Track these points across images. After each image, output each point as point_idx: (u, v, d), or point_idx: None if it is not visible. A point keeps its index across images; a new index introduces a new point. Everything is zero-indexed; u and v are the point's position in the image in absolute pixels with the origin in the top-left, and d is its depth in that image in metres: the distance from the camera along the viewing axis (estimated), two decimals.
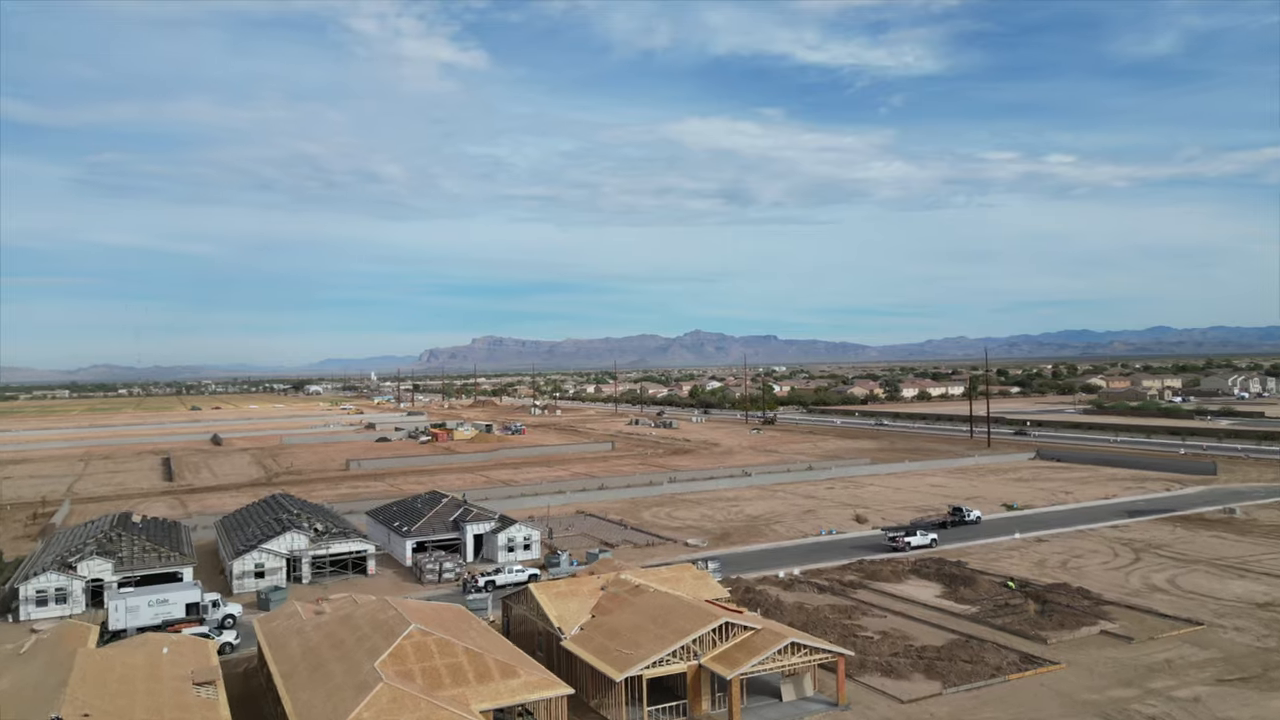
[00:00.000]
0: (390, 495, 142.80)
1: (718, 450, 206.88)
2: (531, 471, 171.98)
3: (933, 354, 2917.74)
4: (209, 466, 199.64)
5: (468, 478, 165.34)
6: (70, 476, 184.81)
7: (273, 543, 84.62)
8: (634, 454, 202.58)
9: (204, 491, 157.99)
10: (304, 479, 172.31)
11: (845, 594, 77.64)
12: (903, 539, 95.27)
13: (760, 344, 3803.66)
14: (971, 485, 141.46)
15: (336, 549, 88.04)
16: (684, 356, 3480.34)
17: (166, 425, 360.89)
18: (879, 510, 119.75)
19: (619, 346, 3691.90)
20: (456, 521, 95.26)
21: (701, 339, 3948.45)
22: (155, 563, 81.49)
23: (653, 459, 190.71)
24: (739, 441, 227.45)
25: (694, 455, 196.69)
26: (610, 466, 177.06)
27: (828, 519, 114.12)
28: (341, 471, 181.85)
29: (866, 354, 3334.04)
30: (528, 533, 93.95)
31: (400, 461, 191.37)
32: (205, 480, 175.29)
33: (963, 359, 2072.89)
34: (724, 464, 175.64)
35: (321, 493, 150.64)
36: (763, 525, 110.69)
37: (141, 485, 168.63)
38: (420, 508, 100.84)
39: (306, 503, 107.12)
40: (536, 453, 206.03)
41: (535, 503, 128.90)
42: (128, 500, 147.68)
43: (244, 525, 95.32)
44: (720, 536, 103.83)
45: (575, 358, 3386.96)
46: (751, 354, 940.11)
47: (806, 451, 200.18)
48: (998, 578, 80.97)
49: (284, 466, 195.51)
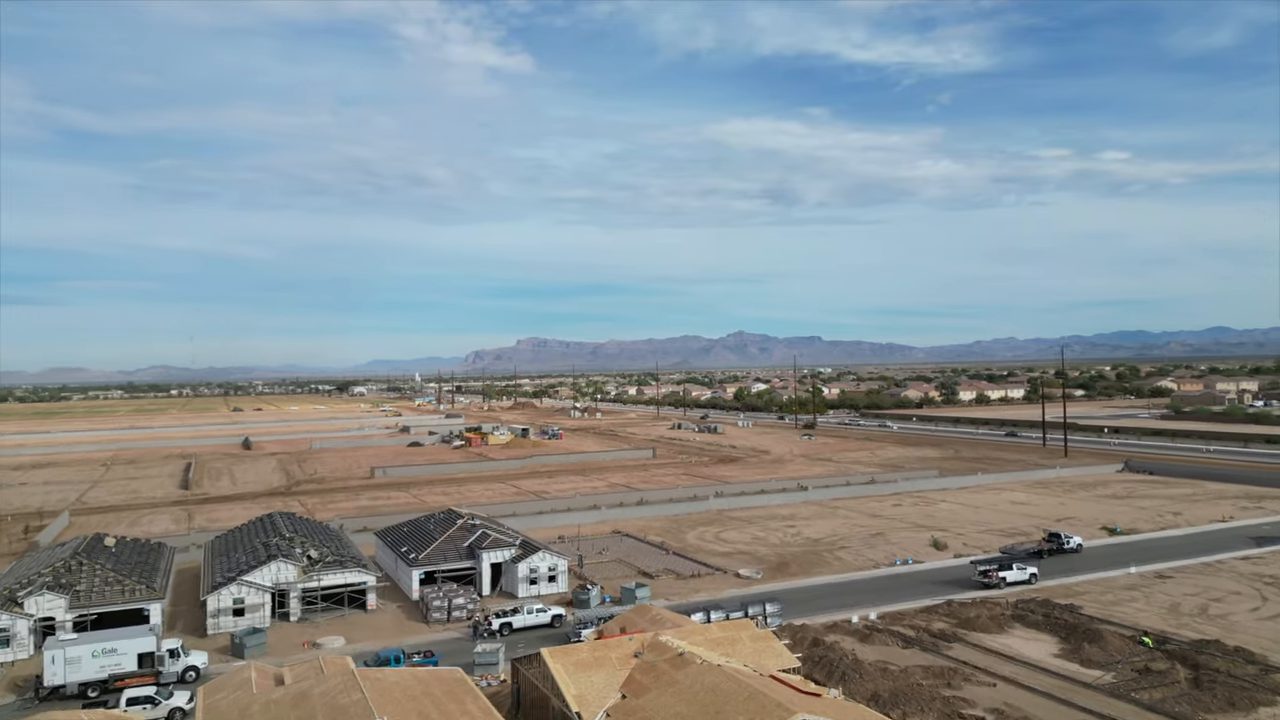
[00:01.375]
0: (411, 509, 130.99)
1: (767, 459, 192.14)
2: (565, 481, 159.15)
3: (981, 355, 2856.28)
4: (231, 472, 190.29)
5: (496, 488, 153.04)
6: (86, 483, 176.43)
7: (255, 574, 72.53)
8: (676, 462, 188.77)
9: (217, 501, 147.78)
10: (325, 487, 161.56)
11: (938, 649, 63.09)
12: (996, 573, 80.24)
13: (804, 345, 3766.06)
14: (1059, 503, 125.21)
15: (331, 580, 75.72)
16: (727, 358, 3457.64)
17: (203, 427, 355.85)
18: (958, 533, 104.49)
19: (662, 348, 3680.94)
20: (471, 548, 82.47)
21: (745, 340, 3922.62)
22: (118, 598, 69.86)
23: (697, 468, 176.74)
24: (789, 448, 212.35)
25: (741, 464, 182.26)
26: (651, 477, 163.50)
27: (900, 544, 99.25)
28: (365, 480, 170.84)
29: (913, 355, 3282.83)
30: (553, 562, 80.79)
31: (428, 469, 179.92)
32: (223, 488, 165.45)
33: (1012, 360, 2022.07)
34: (775, 475, 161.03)
35: (339, 504, 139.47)
36: (825, 551, 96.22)
37: (155, 494, 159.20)
38: (432, 530, 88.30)
39: (308, 521, 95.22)
40: (572, 460, 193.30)
41: (566, 520, 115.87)
42: (134, 511, 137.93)
43: (232, 549, 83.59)
44: (777, 566, 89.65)
45: (618, 359, 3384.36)
46: (795, 355, 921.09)
47: (864, 460, 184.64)
48: (1126, 629, 65.75)
49: (307, 473, 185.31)
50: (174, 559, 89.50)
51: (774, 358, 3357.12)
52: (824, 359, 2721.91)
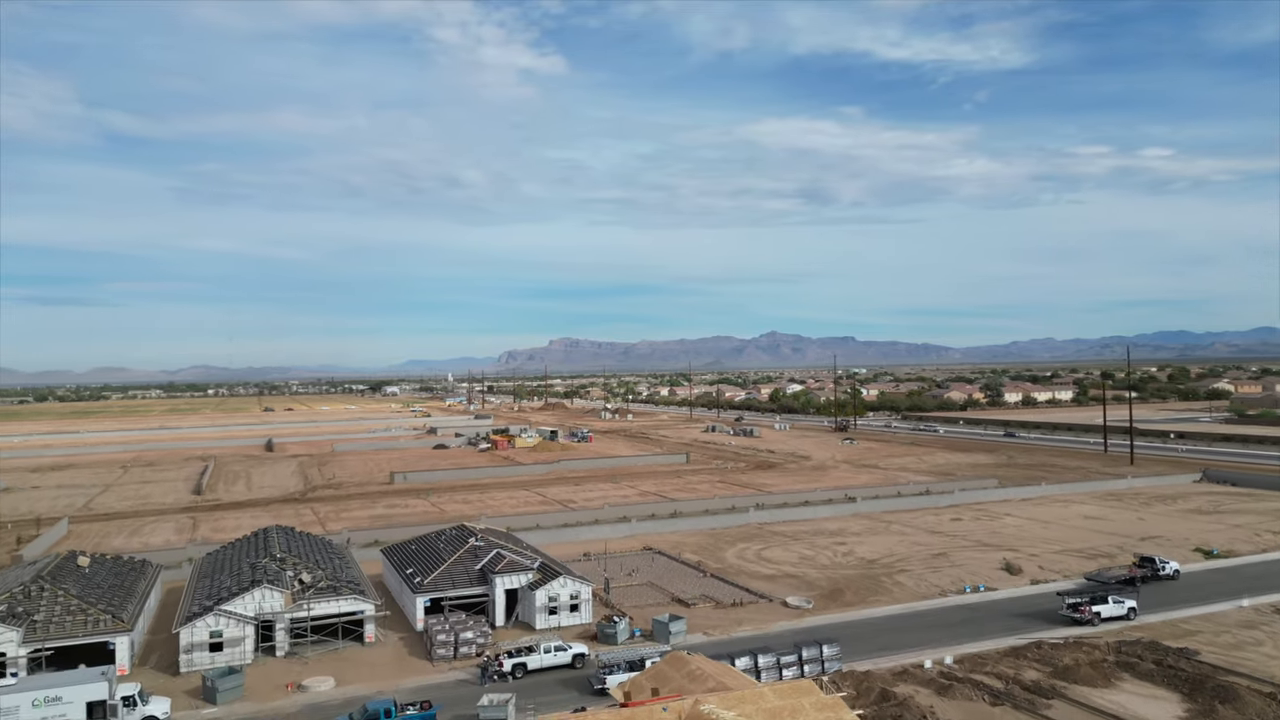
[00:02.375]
0: (429, 519, 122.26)
1: (808, 465, 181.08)
2: (594, 489, 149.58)
3: (1018, 356, 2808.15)
4: (248, 476, 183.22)
5: (521, 495, 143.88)
6: (98, 487, 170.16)
7: (236, 602, 63.66)
8: (712, 468, 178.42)
9: (228, 509, 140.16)
10: (341, 493, 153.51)
11: (1034, 708, 52.39)
12: (1088, 607, 69.15)
13: (838, 345, 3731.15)
14: (1137, 518, 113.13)
15: (324, 609, 66.64)
16: (759, 358, 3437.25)
17: (231, 428, 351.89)
18: (1030, 554, 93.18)
19: (694, 348, 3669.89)
20: (484, 571, 73.03)
21: (778, 340, 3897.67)
22: (79, 629, 61.34)
23: (733, 475, 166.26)
24: (831, 453, 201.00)
25: (781, 471, 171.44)
26: (684, 484, 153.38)
27: (967, 567, 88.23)
28: (384, 485, 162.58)
29: (949, 356, 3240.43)
30: (575, 589, 71.08)
31: (451, 474, 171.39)
32: (237, 493, 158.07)
33: (1051, 361, 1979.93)
34: (818, 483, 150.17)
35: (353, 513, 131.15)
36: (883, 575, 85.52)
37: (165, 499, 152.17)
38: (441, 549, 79.04)
39: (308, 537, 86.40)
40: (602, 465, 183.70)
41: (594, 534, 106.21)
42: (138, 519, 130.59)
43: (219, 570, 74.92)
44: (829, 593, 79.16)
45: (650, 359, 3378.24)
46: (829, 355, 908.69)
47: (912, 467, 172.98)
48: (1262, 684, 54.59)
49: (326, 478, 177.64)
50: (159, 579, 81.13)
51: (807, 358, 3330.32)
52: (858, 359, 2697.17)
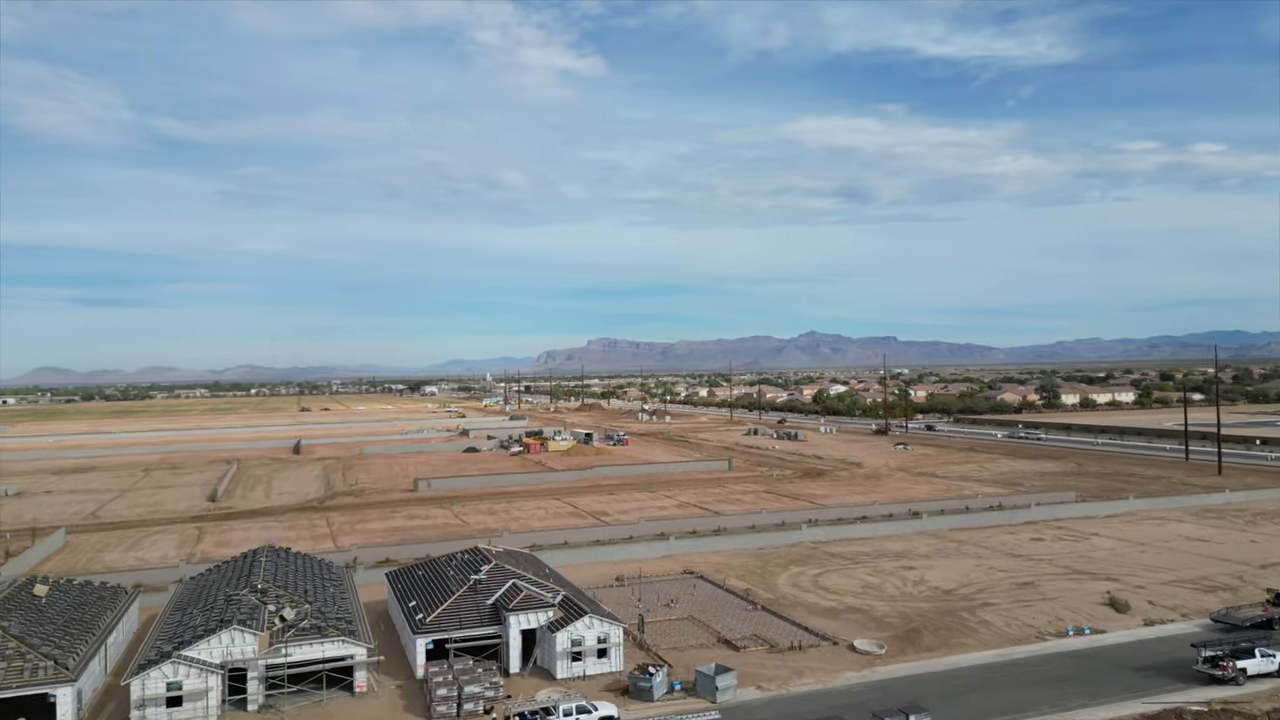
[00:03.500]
0: (449, 532, 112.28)
1: (860, 473, 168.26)
2: (629, 499, 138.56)
3: (1064, 356, 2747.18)
4: (269, 482, 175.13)
5: (550, 505, 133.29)
6: (113, 492, 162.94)
7: (200, 646, 53.59)
8: (755, 476, 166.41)
9: (240, 518, 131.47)
10: (361, 501, 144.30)
11: None
12: (1231, 662, 56.54)
13: (879, 345, 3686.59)
14: (1248, 540, 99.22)
15: (306, 653, 56.32)
16: (799, 358, 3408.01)
17: (263, 429, 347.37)
18: (1135, 585, 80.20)
19: (732, 348, 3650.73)
20: (497, 607, 62.28)
21: (817, 340, 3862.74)
22: (14, 679, 51.59)
23: (779, 484, 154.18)
24: (883, 460, 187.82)
25: (831, 480, 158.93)
26: (727, 494, 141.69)
27: (1062, 600, 75.57)
28: (407, 492, 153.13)
29: (992, 356, 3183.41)
30: (603, 630, 60.02)
31: (478, 481, 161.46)
32: (253, 500, 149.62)
33: (1098, 361, 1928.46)
34: (874, 495, 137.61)
35: (370, 524, 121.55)
36: (964, 610, 73.23)
37: (177, 507, 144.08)
38: (450, 576, 68.48)
39: (303, 559, 76.26)
40: (638, 472, 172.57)
41: (628, 554, 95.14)
42: (141, 530, 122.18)
43: (194, 601, 65.05)
44: (904, 634, 67.15)
45: (688, 359, 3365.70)
46: (870, 355, 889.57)
47: (973, 476, 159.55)
48: None
49: (348, 483, 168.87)
50: (134, 607, 71.62)
51: (848, 358, 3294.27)
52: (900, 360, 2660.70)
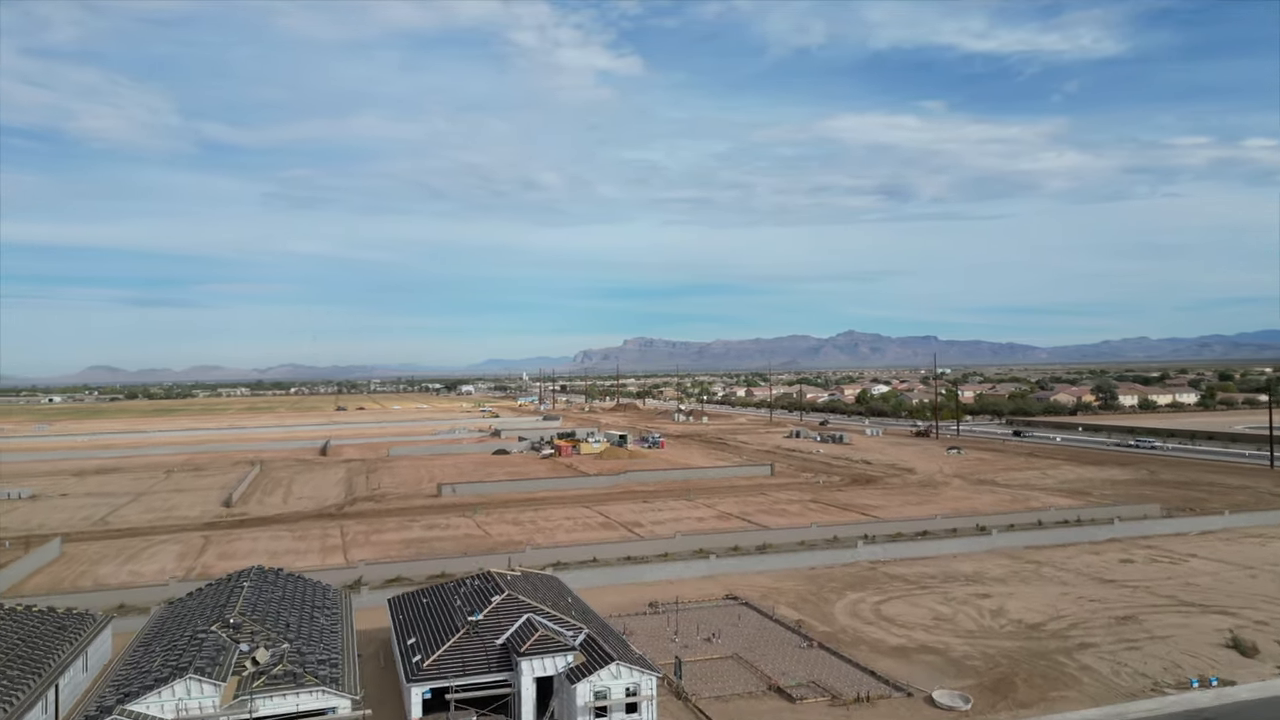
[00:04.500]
0: (471, 545, 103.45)
1: (913, 480, 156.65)
2: (664, 508, 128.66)
3: (1111, 355, 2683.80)
4: (289, 485, 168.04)
5: (580, 515, 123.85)
6: (128, 496, 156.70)
7: (150, 698, 44.74)
8: (800, 483, 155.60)
9: (252, 526, 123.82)
10: (381, 508, 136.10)
11: None
12: None
13: (919, 345, 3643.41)
14: None
15: (276, 707, 47.23)
16: (837, 358, 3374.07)
17: (295, 428, 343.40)
18: (1256, 619, 68.52)
19: (769, 348, 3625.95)
20: (508, 648, 52.77)
21: (856, 339, 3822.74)
22: None
23: (826, 492, 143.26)
24: (937, 465, 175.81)
25: (882, 487, 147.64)
26: (771, 504, 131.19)
27: (1174, 640, 64.21)
28: (430, 498, 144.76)
29: (1036, 355, 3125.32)
30: (633, 680, 50.20)
31: (504, 486, 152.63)
32: (270, 506, 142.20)
33: (1146, 360, 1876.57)
34: (932, 505, 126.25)
35: (386, 535, 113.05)
36: (1058, 652, 62.23)
37: (190, 512, 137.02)
38: (456, 608, 59.13)
39: (295, 581, 67.32)
40: (674, 477, 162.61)
41: (663, 574, 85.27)
42: (145, 538, 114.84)
43: (161, 636, 56.34)
44: (992, 684, 56.39)
45: (725, 359, 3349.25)
46: (909, 355, 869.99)
47: (1036, 484, 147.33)
48: None
49: (371, 488, 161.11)
50: (102, 640, 63.28)
51: (887, 358, 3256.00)
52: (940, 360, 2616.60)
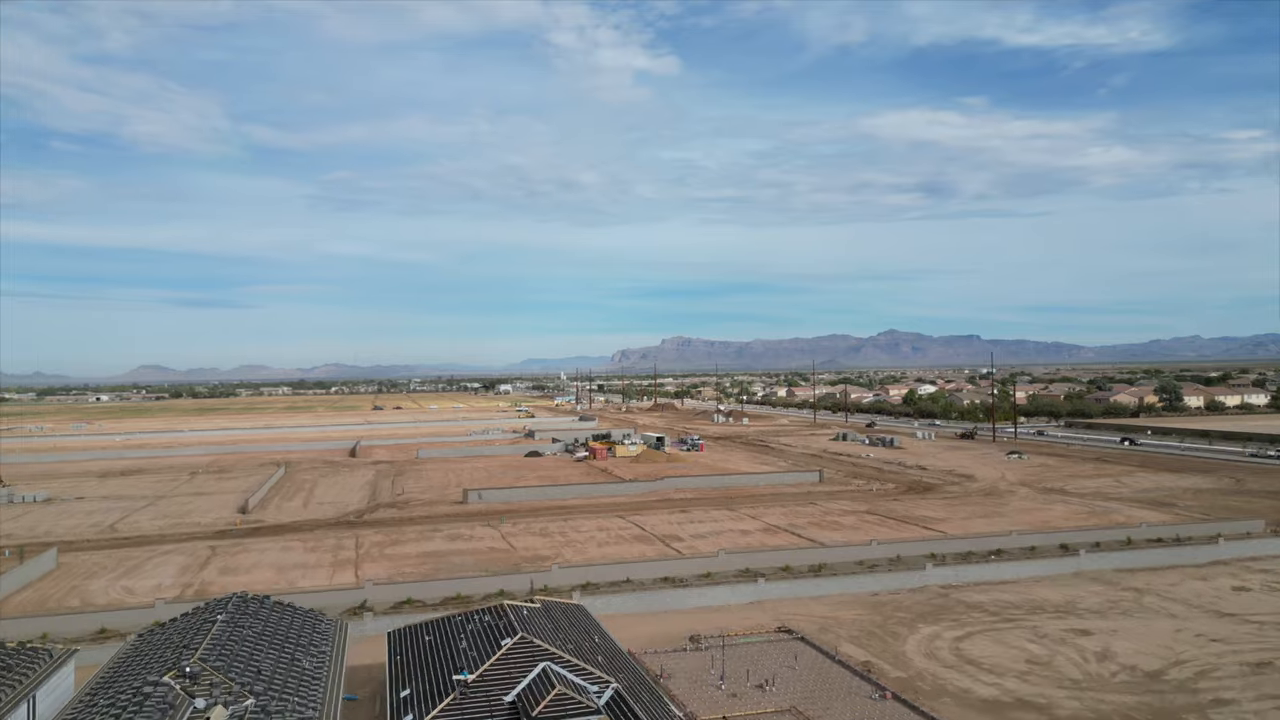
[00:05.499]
0: (493, 560, 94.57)
1: (974, 488, 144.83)
2: (704, 519, 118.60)
3: (1160, 355, 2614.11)
4: (311, 489, 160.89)
5: (613, 526, 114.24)
6: (144, 500, 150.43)
7: None
8: (852, 490, 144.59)
9: (264, 535, 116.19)
10: (402, 515, 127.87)
11: None
12: None
13: (961, 344, 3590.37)
14: None
15: None
16: (878, 357, 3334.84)
17: (329, 428, 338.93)
18: None
19: (808, 347, 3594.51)
20: (519, 707, 43.24)
21: (897, 339, 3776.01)
22: None
23: (881, 501, 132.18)
24: (998, 472, 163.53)
25: (943, 497, 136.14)
26: (822, 516, 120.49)
27: None
28: (455, 505, 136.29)
29: (1082, 355, 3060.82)
30: None
31: (534, 493, 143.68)
32: (287, 513, 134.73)
33: (1198, 360, 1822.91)
34: (1001, 518, 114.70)
35: (403, 547, 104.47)
36: (1189, 711, 51.09)
37: (203, 519, 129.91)
38: (463, 650, 49.81)
39: (280, 613, 58.45)
40: (715, 484, 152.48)
41: (705, 599, 75.36)
42: (150, 548, 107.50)
43: (110, 684, 47.63)
44: None
45: (763, 358, 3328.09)
46: (952, 354, 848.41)
47: (1110, 493, 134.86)
48: None
49: (395, 493, 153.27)
50: (59, 679, 54.92)
51: (929, 357, 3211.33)
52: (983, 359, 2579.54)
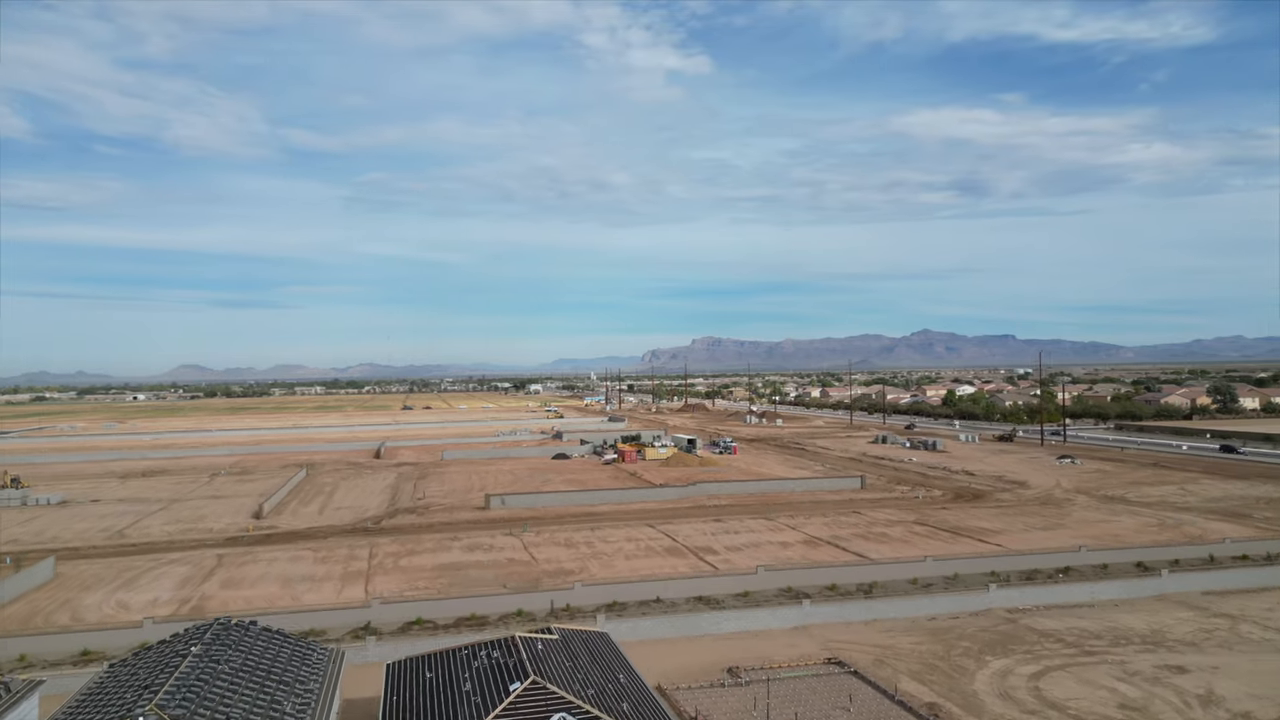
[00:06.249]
0: (513, 573, 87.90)
1: (1028, 495, 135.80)
2: (741, 528, 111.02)
3: (1203, 355, 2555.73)
4: (331, 493, 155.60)
5: (642, 536, 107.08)
6: (159, 504, 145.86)
7: None
8: (896, 498, 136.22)
9: (275, 543, 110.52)
10: (421, 522, 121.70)
11: None
12: None
13: (996, 344, 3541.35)
14: None
15: None
16: (911, 357, 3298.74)
17: (356, 428, 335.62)
18: None
19: (840, 347, 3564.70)
20: None
21: (930, 339, 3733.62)
22: None
23: (930, 510, 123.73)
24: (1052, 478, 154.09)
25: (995, 506, 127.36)
26: (867, 526, 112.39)
27: None
28: (476, 511, 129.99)
29: (1121, 355, 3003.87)
30: None
31: (559, 498, 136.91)
32: (303, 518, 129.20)
33: (1242, 360, 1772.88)
34: (1062, 530, 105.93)
35: (419, 558, 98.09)
36: None
37: (216, 524, 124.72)
38: (466, 695, 42.90)
39: (267, 640, 51.98)
40: (750, 490, 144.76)
41: (743, 623, 67.90)
42: (160, 554, 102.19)
43: None
44: None
45: (794, 358, 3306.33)
46: (986, 355, 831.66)
47: (1176, 502, 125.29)
48: None
49: (416, 497, 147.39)
50: (22, 713, 48.86)
51: (963, 357, 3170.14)
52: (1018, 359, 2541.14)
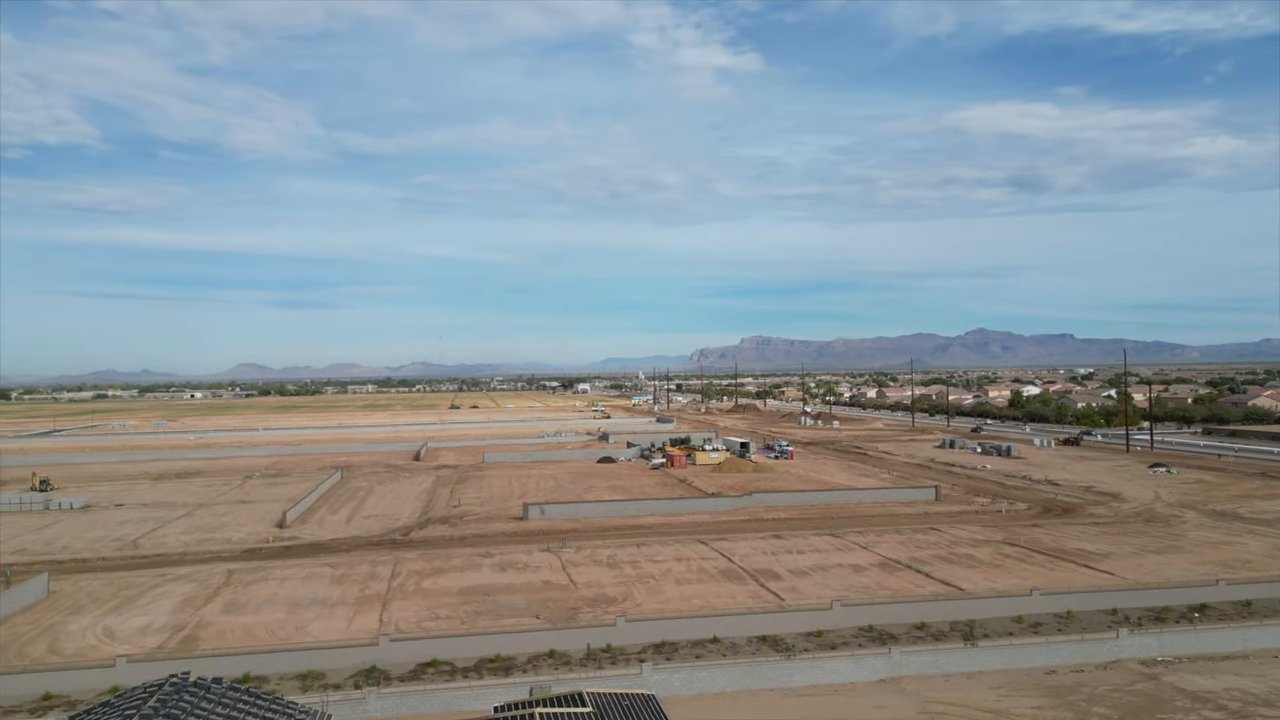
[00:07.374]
0: (545, 600, 77.40)
1: (1125, 509, 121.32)
2: (804, 547, 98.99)
3: (1272, 355, 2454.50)
4: (364, 498, 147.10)
5: (693, 554, 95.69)
6: (184, 509, 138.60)
7: None
8: (976, 511, 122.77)
9: (293, 556, 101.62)
10: (454, 534, 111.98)
11: None
12: None
13: (1054, 344, 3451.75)
14: None
15: None
16: (965, 357, 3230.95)
17: (400, 428, 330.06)
18: None
19: (892, 346, 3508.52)
20: None
21: (985, 338, 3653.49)
22: None
23: (1018, 527, 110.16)
24: (1149, 490, 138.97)
25: (1093, 522, 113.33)
26: (949, 545, 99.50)
27: None
28: (513, 521, 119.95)
29: (1185, 354, 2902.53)
30: None
31: (602, 509, 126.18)
32: (329, 528, 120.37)
33: None
34: (1182, 556, 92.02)
35: (445, 578, 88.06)
36: None
37: (236, 533, 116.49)
38: None
39: (235, 699, 41.93)
40: (812, 501, 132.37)
41: (816, 674, 56.25)
42: (167, 569, 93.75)
43: None
44: None
45: (845, 358, 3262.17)
46: (1043, 354, 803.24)
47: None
48: None
49: (451, 504, 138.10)
50: None
51: (1019, 357, 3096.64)
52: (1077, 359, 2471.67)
